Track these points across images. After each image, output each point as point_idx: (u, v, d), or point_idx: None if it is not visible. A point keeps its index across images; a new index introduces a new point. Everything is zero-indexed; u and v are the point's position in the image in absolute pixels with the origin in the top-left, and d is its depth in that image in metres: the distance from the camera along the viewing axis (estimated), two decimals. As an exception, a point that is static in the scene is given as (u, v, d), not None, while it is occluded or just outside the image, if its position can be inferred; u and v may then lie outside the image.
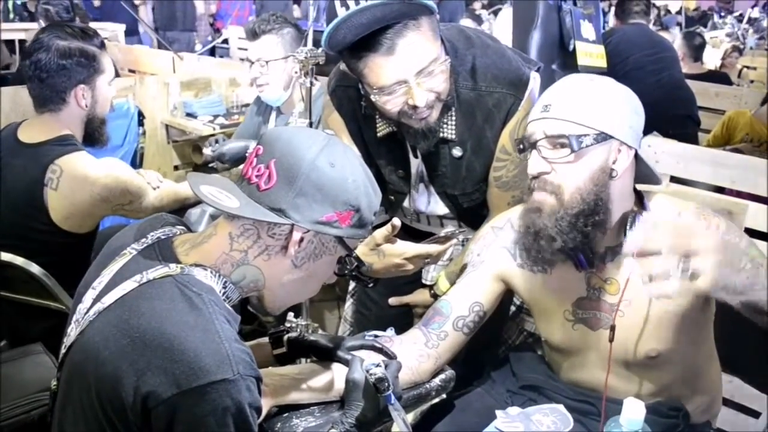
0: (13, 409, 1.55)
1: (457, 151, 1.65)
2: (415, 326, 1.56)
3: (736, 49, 6.88)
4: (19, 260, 1.88)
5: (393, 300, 1.82)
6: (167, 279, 1.08)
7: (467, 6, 8.47)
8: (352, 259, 1.22)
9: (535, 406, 1.55)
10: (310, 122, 1.91)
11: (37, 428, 1.54)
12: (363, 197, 1.16)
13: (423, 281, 1.86)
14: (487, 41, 1.65)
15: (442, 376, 1.49)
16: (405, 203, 1.81)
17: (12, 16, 6.61)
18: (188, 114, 3.80)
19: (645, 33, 4.38)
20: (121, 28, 6.11)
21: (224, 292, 1.13)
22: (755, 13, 10.34)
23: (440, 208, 1.78)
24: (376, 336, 1.45)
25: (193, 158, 3.89)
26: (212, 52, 5.71)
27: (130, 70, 4.83)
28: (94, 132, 2.11)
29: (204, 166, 2.63)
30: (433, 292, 1.75)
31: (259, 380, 1.07)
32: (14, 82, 3.64)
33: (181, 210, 2.13)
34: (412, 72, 1.43)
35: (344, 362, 1.35)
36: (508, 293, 1.61)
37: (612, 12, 5.44)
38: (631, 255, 1.38)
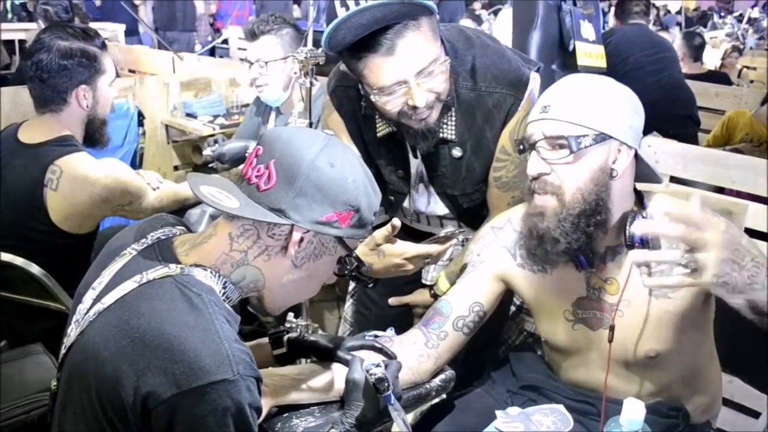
0: (13, 409, 1.55)
1: (456, 152, 1.65)
2: (415, 326, 1.56)
3: (735, 49, 6.88)
4: (19, 260, 1.88)
5: (393, 300, 1.82)
6: (167, 279, 1.08)
7: (467, 6, 8.47)
8: (352, 259, 1.22)
9: (535, 406, 1.54)
10: (310, 122, 1.91)
11: (37, 428, 1.53)
12: (363, 197, 1.16)
13: (423, 281, 1.86)
14: (487, 41, 1.65)
15: (442, 376, 1.49)
16: (405, 203, 1.81)
17: (10, 17, 6.59)
18: (188, 114, 3.80)
19: (645, 33, 4.38)
20: (121, 29, 6.11)
21: (224, 293, 1.13)
22: (755, 13, 10.34)
23: (440, 208, 1.78)
24: (376, 336, 1.45)
25: (193, 158, 3.91)
26: (212, 53, 5.70)
27: (130, 71, 4.83)
28: (95, 133, 2.11)
29: (204, 166, 2.63)
30: (433, 292, 1.75)
31: (259, 380, 1.07)
32: (14, 82, 3.64)
33: (181, 210, 2.13)
34: (412, 72, 1.43)
35: (344, 362, 1.35)
36: (508, 293, 1.61)
37: (612, 12, 5.44)
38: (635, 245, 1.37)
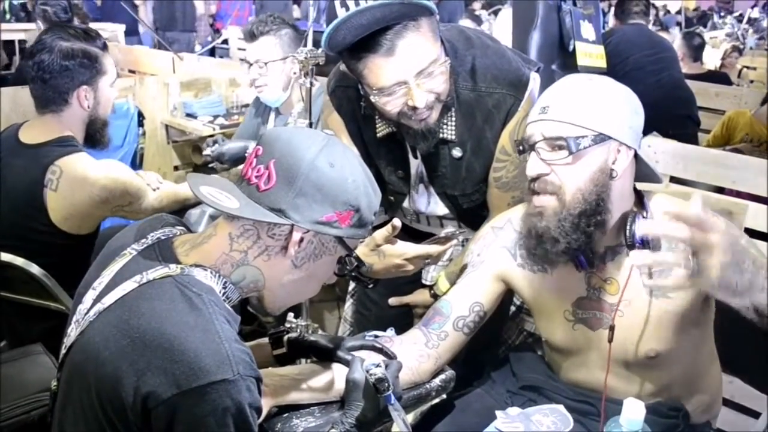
0: (13, 409, 1.55)
1: (456, 152, 1.65)
2: (415, 326, 1.56)
3: (735, 49, 6.88)
4: (19, 261, 1.88)
5: (393, 300, 1.82)
6: (167, 279, 1.08)
7: (466, 6, 8.46)
8: (352, 259, 1.22)
9: (535, 406, 1.54)
10: (310, 122, 1.91)
11: (37, 428, 1.53)
12: (363, 197, 1.16)
13: (423, 281, 1.86)
14: (487, 42, 1.65)
15: (442, 376, 1.49)
16: (405, 204, 1.81)
17: (8, 17, 6.58)
18: (188, 114, 3.80)
19: (644, 33, 4.38)
20: (121, 29, 6.11)
21: (224, 293, 1.13)
22: (755, 13, 10.34)
23: (440, 208, 1.78)
24: (376, 336, 1.45)
25: (193, 159, 3.91)
26: (212, 53, 5.70)
27: (130, 71, 4.83)
28: (96, 133, 2.11)
29: (204, 166, 2.64)
30: (433, 292, 1.75)
31: (259, 380, 1.07)
32: (14, 82, 3.64)
33: (181, 211, 2.13)
34: (412, 73, 1.43)
35: (344, 362, 1.35)
36: (508, 293, 1.61)
37: (612, 12, 5.44)
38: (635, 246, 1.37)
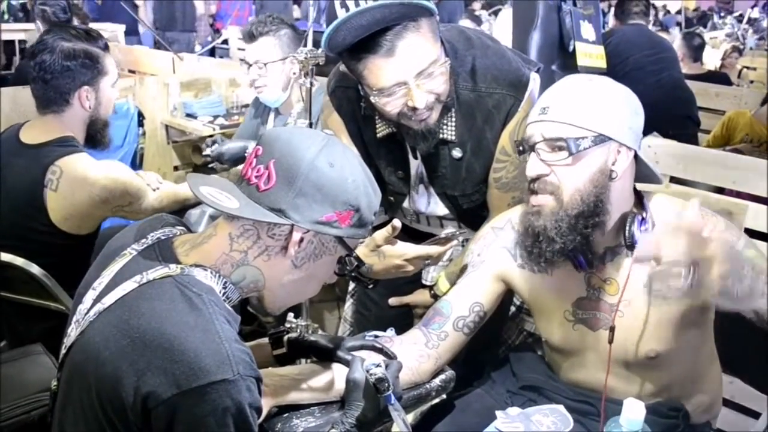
0: (13, 409, 1.54)
1: (456, 152, 1.65)
2: (415, 326, 1.56)
3: (735, 50, 6.88)
4: (19, 261, 1.88)
5: (393, 300, 1.82)
6: (167, 279, 1.08)
7: (466, 6, 8.46)
8: (353, 259, 1.22)
9: (535, 406, 1.54)
10: (310, 123, 1.91)
11: (37, 428, 1.53)
12: (363, 197, 1.16)
13: (423, 282, 1.86)
14: (487, 42, 1.65)
15: (442, 376, 1.49)
16: (405, 204, 1.81)
17: (7, 17, 6.57)
18: (188, 114, 3.80)
19: (644, 33, 4.38)
20: (121, 29, 6.10)
21: (224, 293, 1.13)
22: (755, 13, 10.35)
23: (440, 209, 1.78)
24: (376, 336, 1.45)
25: (193, 159, 3.91)
26: (212, 53, 5.70)
27: (130, 71, 4.83)
28: (97, 134, 2.11)
29: (204, 166, 2.64)
30: (433, 292, 1.75)
31: (259, 380, 1.07)
32: (14, 82, 3.64)
33: (181, 211, 2.13)
34: (412, 74, 1.43)
35: (344, 362, 1.35)
36: (508, 293, 1.61)
37: (611, 12, 5.44)
38: (634, 259, 1.38)
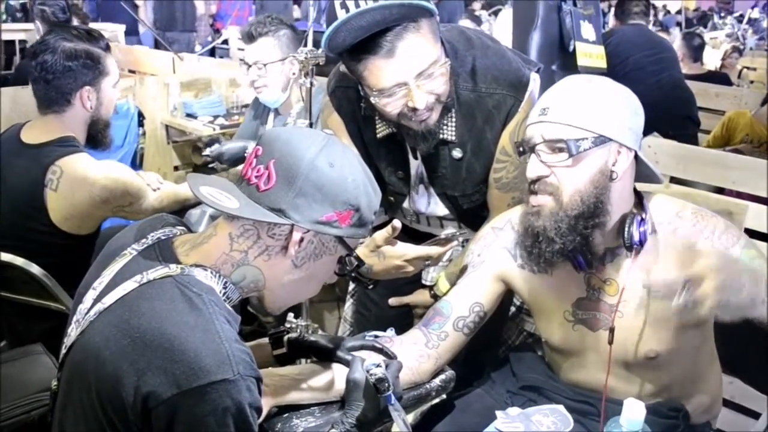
0: (13, 409, 1.54)
1: (457, 153, 1.65)
2: (415, 327, 1.56)
3: (736, 50, 6.88)
4: (19, 261, 1.88)
5: (393, 300, 1.82)
6: (167, 279, 1.08)
7: (466, 6, 8.47)
8: (353, 258, 1.22)
9: (535, 406, 1.54)
10: (310, 123, 1.91)
11: (37, 428, 1.53)
12: (363, 197, 1.16)
13: (423, 282, 1.86)
14: (488, 42, 1.65)
15: (442, 376, 1.49)
16: (405, 204, 1.81)
17: (5, 17, 6.57)
18: (188, 114, 3.80)
19: (644, 33, 4.38)
20: (121, 29, 6.10)
21: (224, 293, 1.13)
22: (755, 13, 10.35)
23: (440, 209, 1.78)
24: (376, 336, 1.45)
25: (193, 159, 3.91)
26: (212, 53, 5.70)
27: (130, 71, 4.83)
28: (98, 134, 2.11)
29: (204, 166, 2.64)
30: (433, 292, 1.75)
31: (260, 380, 1.07)
32: (14, 82, 3.64)
33: (182, 211, 2.13)
34: (412, 74, 1.43)
35: (344, 362, 1.35)
36: (508, 293, 1.61)
37: (612, 12, 5.45)
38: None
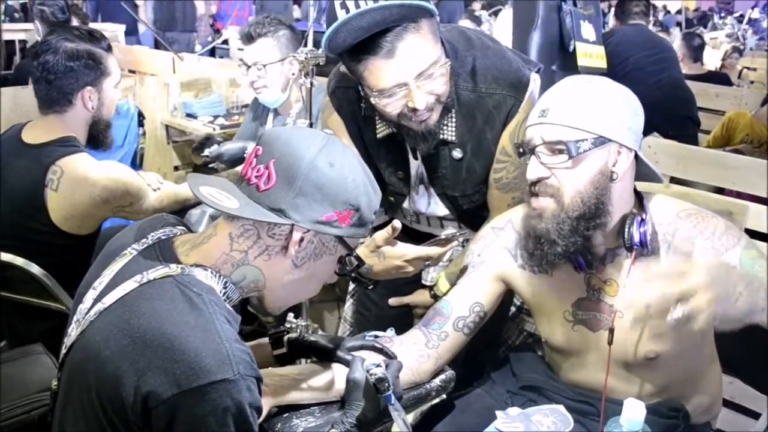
0: (13, 409, 1.54)
1: (457, 153, 1.65)
2: (415, 327, 1.56)
3: (736, 50, 6.88)
4: (19, 261, 1.88)
5: (393, 300, 1.82)
6: (168, 279, 1.09)
7: (466, 6, 8.47)
8: (353, 258, 1.22)
9: (535, 406, 1.54)
10: (310, 122, 1.91)
11: (37, 428, 1.53)
12: (363, 196, 1.16)
13: (423, 282, 1.86)
14: (488, 42, 1.65)
15: (443, 376, 1.49)
16: (405, 205, 1.81)
17: (3, 18, 6.56)
18: (188, 114, 3.80)
19: (644, 34, 4.39)
20: (121, 29, 6.11)
21: (224, 293, 1.13)
22: (755, 13, 10.35)
23: (440, 209, 1.78)
24: (377, 336, 1.45)
25: (193, 159, 3.89)
26: (212, 53, 5.70)
27: (130, 71, 4.83)
28: (99, 134, 2.11)
29: (204, 166, 2.63)
30: (433, 293, 1.75)
31: (260, 380, 1.07)
32: (14, 82, 3.64)
33: (182, 211, 2.13)
34: (412, 75, 1.43)
35: (344, 362, 1.35)
36: (508, 294, 1.61)
37: (612, 12, 5.45)
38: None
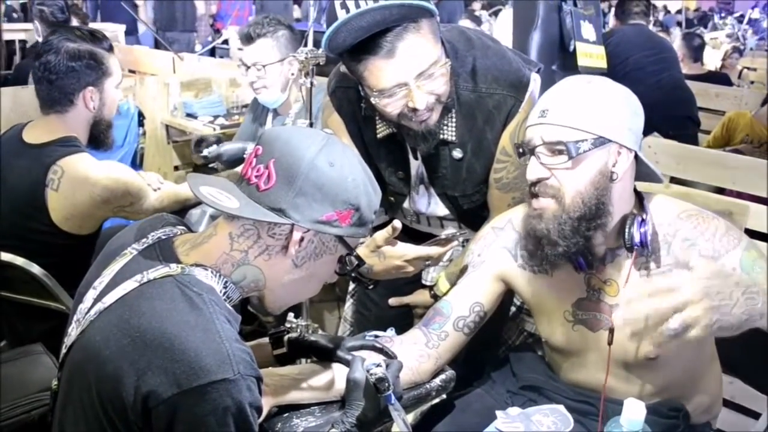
0: (13, 409, 1.54)
1: (457, 153, 1.65)
2: (415, 326, 1.56)
3: (736, 50, 6.88)
4: (19, 260, 1.88)
5: (393, 300, 1.82)
6: (168, 279, 1.09)
7: (466, 6, 8.47)
8: (353, 258, 1.22)
9: (535, 406, 1.54)
10: (311, 122, 1.91)
11: (37, 428, 1.53)
12: (363, 196, 1.16)
13: (423, 282, 1.86)
14: (488, 42, 1.65)
15: (443, 376, 1.49)
16: (405, 204, 1.81)
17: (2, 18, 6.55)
18: (188, 114, 3.80)
19: (645, 33, 4.39)
20: (121, 29, 6.10)
21: (225, 292, 1.13)
22: (755, 13, 10.36)
23: (440, 209, 1.78)
24: (377, 336, 1.45)
25: (194, 159, 3.90)
26: (212, 53, 5.70)
27: (131, 71, 4.83)
28: (100, 134, 2.11)
29: (204, 166, 2.63)
30: (433, 292, 1.75)
31: (260, 380, 1.07)
32: (14, 82, 3.64)
33: (182, 211, 2.13)
34: (412, 75, 1.43)
35: (344, 362, 1.36)
36: (508, 293, 1.61)
37: (612, 12, 5.45)
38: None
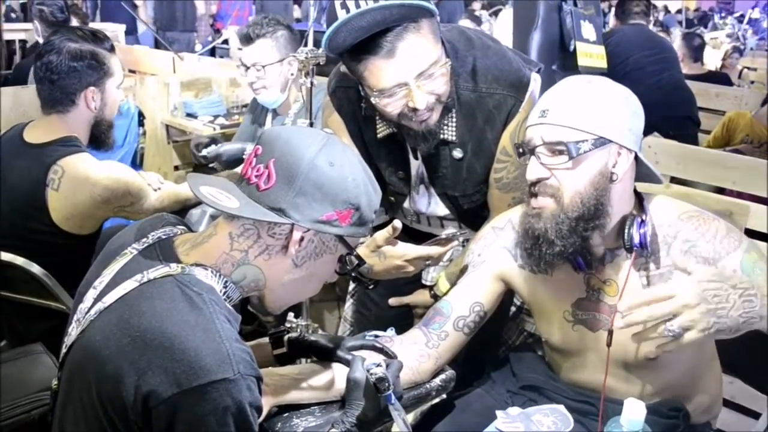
0: (13, 408, 1.55)
1: (457, 153, 1.65)
2: (415, 326, 1.56)
3: (736, 50, 6.88)
4: (19, 260, 1.88)
5: (393, 300, 1.82)
6: (168, 278, 1.09)
7: (466, 6, 8.47)
8: (353, 257, 1.22)
9: (535, 406, 1.54)
10: (311, 122, 1.91)
11: (37, 428, 1.53)
12: (363, 195, 1.16)
13: (423, 282, 1.86)
14: (488, 42, 1.65)
15: (443, 376, 1.49)
16: (405, 204, 1.81)
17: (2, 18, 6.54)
18: (188, 114, 3.80)
19: (645, 33, 4.38)
20: (121, 29, 6.10)
21: (225, 292, 1.13)
22: (756, 13, 10.36)
23: (441, 209, 1.78)
24: (377, 336, 1.45)
25: (194, 158, 3.91)
26: (212, 53, 5.70)
27: (131, 71, 4.83)
28: (101, 135, 2.11)
29: (204, 166, 2.64)
30: (433, 292, 1.75)
31: (260, 380, 1.07)
32: (14, 81, 3.64)
33: (182, 211, 2.14)
34: (412, 75, 1.43)
35: (344, 362, 1.36)
36: (508, 293, 1.61)
37: (612, 12, 5.45)
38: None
